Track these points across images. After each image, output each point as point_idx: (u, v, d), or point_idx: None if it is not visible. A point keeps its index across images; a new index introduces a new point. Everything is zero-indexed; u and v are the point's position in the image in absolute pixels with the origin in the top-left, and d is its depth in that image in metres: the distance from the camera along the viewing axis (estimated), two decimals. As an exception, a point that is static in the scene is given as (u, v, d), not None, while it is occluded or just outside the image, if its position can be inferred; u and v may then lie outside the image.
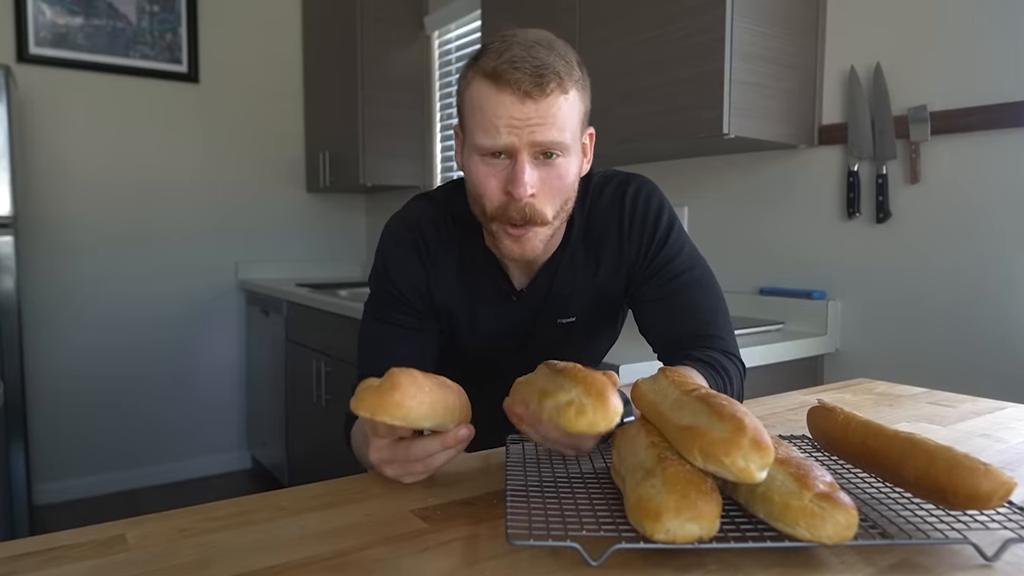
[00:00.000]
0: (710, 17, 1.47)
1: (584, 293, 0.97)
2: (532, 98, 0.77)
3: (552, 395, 0.60)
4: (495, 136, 0.79)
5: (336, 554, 0.54)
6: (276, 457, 2.93)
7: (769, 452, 0.51)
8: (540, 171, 0.81)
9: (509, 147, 0.79)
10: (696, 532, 0.50)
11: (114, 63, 2.84)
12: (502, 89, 0.77)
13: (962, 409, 1.01)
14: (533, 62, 0.77)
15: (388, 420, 0.60)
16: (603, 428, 0.57)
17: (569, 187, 0.85)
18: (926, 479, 0.55)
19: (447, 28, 2.85)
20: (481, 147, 0.81)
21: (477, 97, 0.80)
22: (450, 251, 0.95)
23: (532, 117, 0.78)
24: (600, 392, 0.58)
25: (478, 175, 0.83)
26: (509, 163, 0.81)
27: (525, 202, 0.81)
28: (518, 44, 0.79)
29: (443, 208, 0.96)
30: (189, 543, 0.56)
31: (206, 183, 3.08)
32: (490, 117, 0.78)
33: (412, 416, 0.61)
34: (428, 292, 0.95)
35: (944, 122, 1.42)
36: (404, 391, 0.61)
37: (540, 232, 0.85)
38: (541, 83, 0.77)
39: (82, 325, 2.85)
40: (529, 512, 0.58)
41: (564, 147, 0.81)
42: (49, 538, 0.57)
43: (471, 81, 0.81)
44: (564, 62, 0.80)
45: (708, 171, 1.90)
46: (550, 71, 0.77)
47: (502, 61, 0.77)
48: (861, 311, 1.59)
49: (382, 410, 0.60)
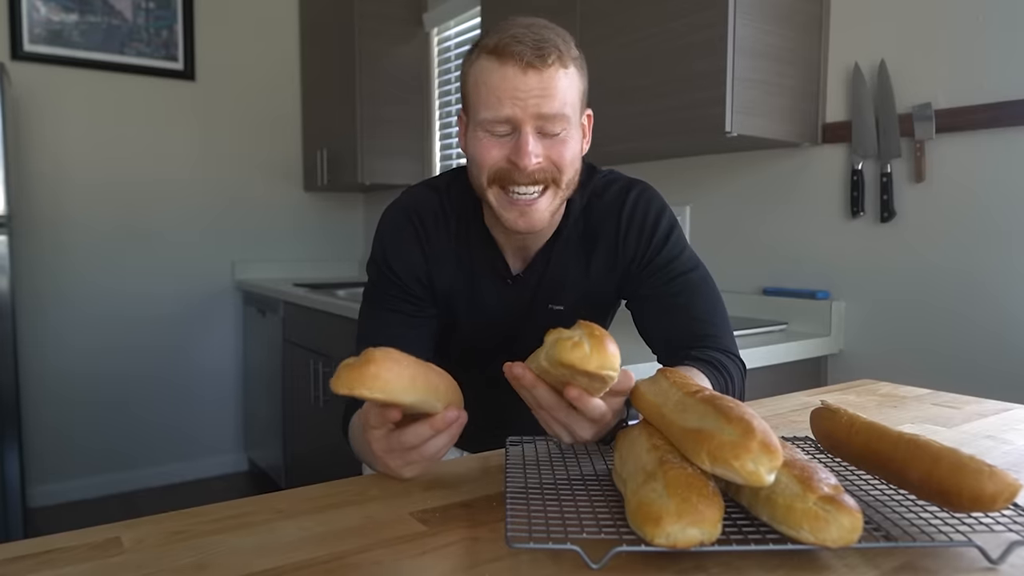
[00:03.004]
0: (712, 14, 1.47)
1: (575, 286, 0.98)
2: (535, 68, 0.80)
3: (556, 332, 0.62)
4: (498, 108, 0.81)
5: (334, 557, 0.54)
6: (273, 459, 2.92)
7: (778, 455, 0.50)
8: (544, 142, 0.83)
9: (512, 118, 0.81)
10: (697, 537, 0.49)
11: (110, 60, 2.83)
12: (505, 62, 0.80)
13: (967, 410, 1.00)
14: (534, 36, 0.81)
15: (367, 394, 0.59)
16: (594, 366, 0.57)
17: (575, 157, 0.87)
18: (930, 481, 0.55)
19: (446, 25, 2.84)
20: (484, 120, 0.83)
21: (481, 73, 0.83)
22: (449, 236, 0.96)
23: (534, 88, 0.80)
24: (601, 337, 0.59)
25: (481, 146, 0.84)
26: (513, 136, 0.83)
27: (533, 168, 0.82)
28: (518, 24, 0.83)
29: (442, 193, 0.97)
30: (185, 546, 0.56)
31: (202, 181, 3.07)
32: (493, 90, 0.81)
33: (391, 388, 0.60)
34: (428, 279, 0.96)
35: (949, 120, 1.41)
36: (380, 364, 0.60)
37: (550, 200, 0.86)
38: (542, 54, 0.80)
39: (77, 325, 2.84)
40: (529, 514, 0.58)
41: (566, 120, 0.83)
42: (43, 541, 0.57)
43: (474, 61, 0.84)
44: (563, 40, 0.84)
45: (710, 170, 1.90)
46: (550, 44, 0.81)
47: (504, 37, 0.81)
48: (865, 311, 1.59)
49: (359, 383, 0.59)
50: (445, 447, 0.68)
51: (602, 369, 0.58)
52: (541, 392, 0.64)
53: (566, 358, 0.58)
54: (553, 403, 0.64)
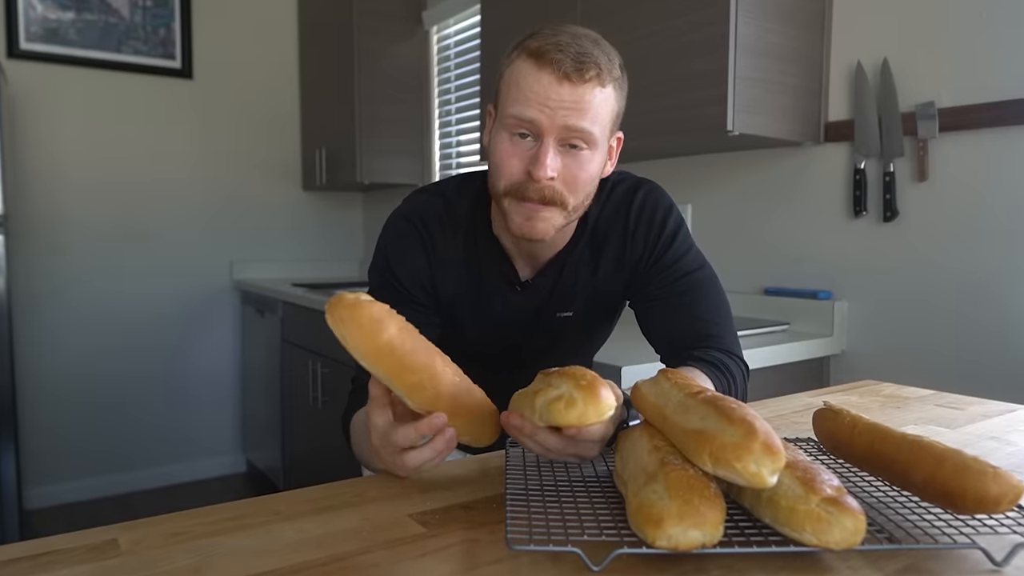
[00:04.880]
0: (713, 11, 1.46)
1: (584, 289, 0.98)
2: (570, 80, 0.79)
3: (543, 393, 0.60)
4: (526, 107, 0.80)
5: (333, 559, 0.54)
6: (272, 460, 2.91)
7: (781, 456, 0.50)
8: (564, 159, 0.82)
9: (537, 122, 0.80)
10: (699, 539, 0.49)
11: (106, 59, 2.82)
12: (543, 68, 0.79)
13: (971, 411, 1.00)
14: (578, 48, 0.79)
15: (339, 332, 0.60)
16: (593, 419, 0.56)
17: (590, 182, 0.86)
18: (934, 483, 0.55)
19: (446, 23, 2.83)
20: (510, 117, 0.82)
21: (517, 74, 0.82)
22: (455, 243, 0.96)
23: (566, 100, 0.79)
24: (590, 384, 0.58)
25: (502, 152, 0.84)
26: (535, 145, 0.82)
27: (544, 184, 0.81)
28: (567, 32, 0.81)
29: (447, 200, 0.97)
30: (183, 548, 0.56)
31: (200, 181, 3.06)
32: (526, 92, 0.80)
33: (368, 336, 0.61)
34: (432, 285, 0.96)
35: (953, 119, 1.41)
36: (376, 308, 0.61)
37: (555, 215, 0.85)
38: (581, 69, 0.78)
39: (74, 326, 2.83)
40: (529, 516, 0.58)
41: (592, 139, 0.82)
42: (40, 543, 0.56)
43: (514, 60, 0.83)
44: (607, 58, 0.82)
45: (712, 169, 1.89)
46: (591, 60, 0.79)
47: (548, 43, 0.79)
48: (868, 311, 1.58)
49: (341, 322, 0.60)
50: (429, 461, 0.67)
51: (602, 416, 0.57)
52: (543, 438, 0.63)
53: (563, 421, 0.57)
54: (559, 445, 0.63)
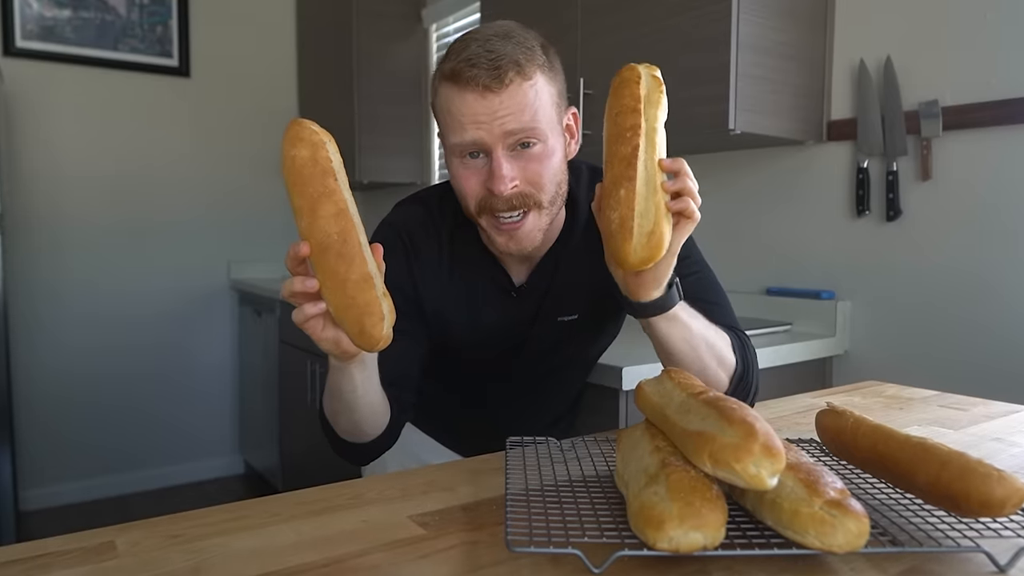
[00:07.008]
0: (716, 9, 1.45)
1: (587, 288, 0.96)
2: (493, 91, 0.79)
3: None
4: (462, 133, 0.80)
5: (331, 561, 0.53)
6: (269, 461, 2.90)
7: (781, 458, 0.50)
8: (519, 162, 0.82)
9: (479, 141, 0.80)
10: (700, 541, 0.49)
11: (103, 57, 2.81)
12: (463, 88, 0.79)
13: (974, 412, 1.00)
14: (488, 56, 0.78)
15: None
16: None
17: (556, 171, 0.85)
18: (937, 485, 0.54)
19: (445, 21, 2.83)
20: (454, 146, 0.83)
21: (444, 101, 0.82)
22: (440, 252, 0.95)
23: (497, 110, 0.79)
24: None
25: (460, 176, 0.85)
26: (486, 160, 0.82)
27: (509, 194, 0.81)
28: (475, 41, 0.81)
29: (432, 209, 0.96)
30: (180, 550, 0.55)
31: (197, 180, 3.05)
32: (456, 117, 0.81)
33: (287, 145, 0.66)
34: (415, 295, 0.94)
35: (956, 117, 1.40)
36: (310, 130, 0.70)
37: (534, 220, 0.85)
38: (499, 75, 0.78)
39: (70, 325, 2.81)
40: (530, 518, 0.57)
41: (538, 133, 0.82)
42: (37, 545, 0.56)
43: (438, 88, 0.84)
44: (524, 49, 0.81)
45: (713, 167, 1.88)
46: (507, 60, 0.79)
47: (459, 61, 0.79)
48: (871, 312, 1.57)
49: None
50: (294, 299, 0.67)
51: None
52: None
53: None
54: None
